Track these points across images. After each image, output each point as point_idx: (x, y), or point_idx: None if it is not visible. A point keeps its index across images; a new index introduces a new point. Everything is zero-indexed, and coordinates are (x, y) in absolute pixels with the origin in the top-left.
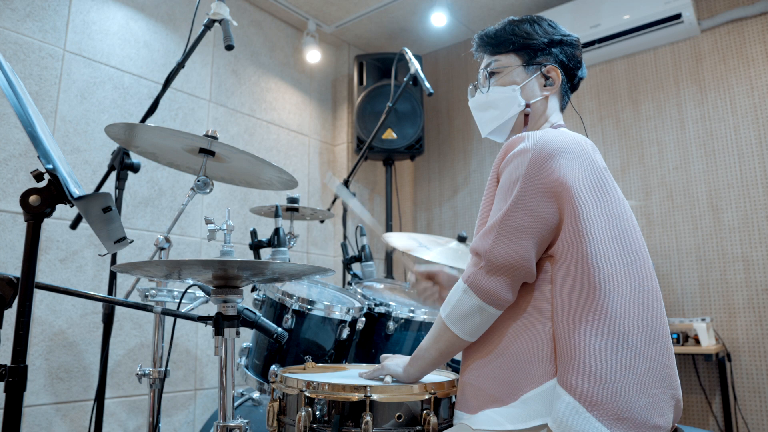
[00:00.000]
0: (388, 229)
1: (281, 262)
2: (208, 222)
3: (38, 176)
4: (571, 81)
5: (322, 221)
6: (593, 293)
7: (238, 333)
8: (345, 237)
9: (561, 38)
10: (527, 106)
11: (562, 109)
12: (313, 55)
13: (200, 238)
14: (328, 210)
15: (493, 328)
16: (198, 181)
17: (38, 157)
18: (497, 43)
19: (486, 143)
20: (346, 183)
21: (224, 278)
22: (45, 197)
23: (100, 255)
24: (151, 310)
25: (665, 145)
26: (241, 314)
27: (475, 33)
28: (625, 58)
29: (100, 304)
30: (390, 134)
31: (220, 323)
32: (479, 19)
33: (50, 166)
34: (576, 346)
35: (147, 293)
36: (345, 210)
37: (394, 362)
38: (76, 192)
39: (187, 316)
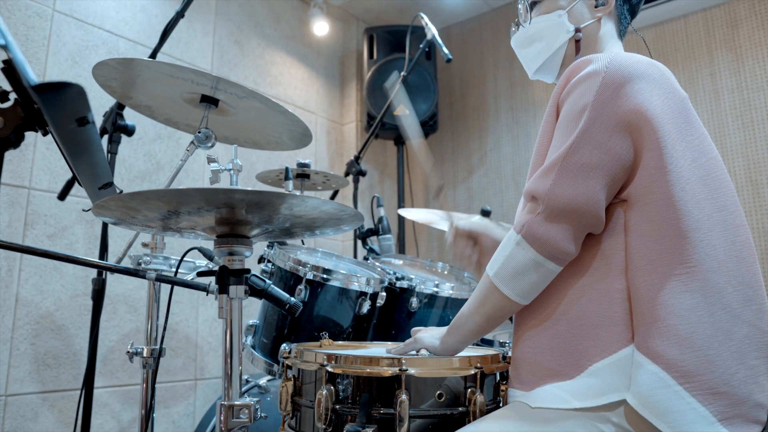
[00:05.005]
0: (400, 205)
1: (300, 196)
2: (210, 161)
3: (2, 95)
4: (629, 1)
5: (333, 197)
6: (681, 242)
7: (246, 292)
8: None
9: None
10: (577, 31)
11: (621, 35)
12: (321, 27)
13: None
14: (346, 176)
15: (550, 288)
16: (199, 133)
17: None
18: None
19: (503, 121)
20: (356, 159)
21: (230, 223)
22: (9, 119)
23: (83, 210)
24: (144, 276)
25: (699, 117)
26: (249, 281)
27: (491, 6)
28: (653, 27)
29: (91, 285)
30: (402, 110)
31: (224, 278)
32: None
33: (2, 42)
34: (661, 305)
35: (140, 260)
36: (356, 188)
37: (429, 334)
38: (35, 79)
39: (184, 283)
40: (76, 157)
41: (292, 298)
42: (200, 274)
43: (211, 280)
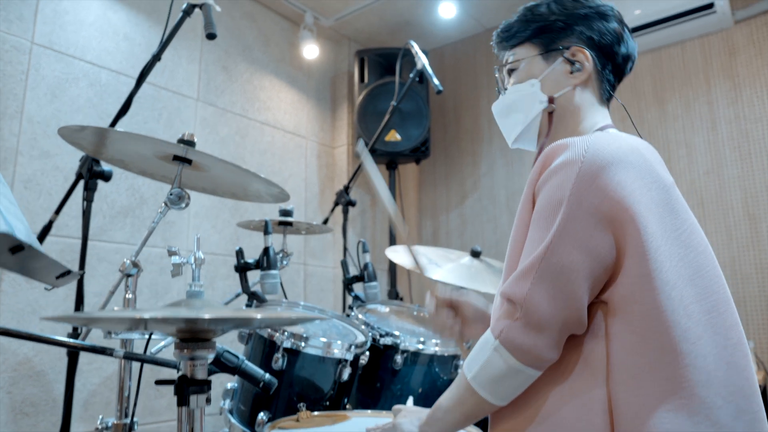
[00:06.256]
0: (392, 238)
1: (265, 315)
2: (171, 254)
3: None
4: (612, 61)
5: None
6: (667, 357)
7: (208, 401)
8: (345, 249)
9: (586, 12)
10: (551, 101)
11: (607, 100)
12: (311, 50)
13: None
14: (325, 222)
15: (530, 389)
16: (171, 194)
17: None
18: (512, 34)
19: (497, 145)
20: (346, 189)
21: (193, 331)
22: None
23: (46, 289)
24: (111, 354)
25: (695, 148)
26: (221, 357)
27: (485, 27)
28: (649, 52)
29: (72, 328)
30: (393, 136)
31: (184, 390)
32: (490, 10)
33: None
34: (642, 424)
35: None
36: (345, 219)
37: (409, 420)
38: None
39: (154, 360)
40: (21, 271)
41: (267, 375)
42: (158, 382)
43: None
